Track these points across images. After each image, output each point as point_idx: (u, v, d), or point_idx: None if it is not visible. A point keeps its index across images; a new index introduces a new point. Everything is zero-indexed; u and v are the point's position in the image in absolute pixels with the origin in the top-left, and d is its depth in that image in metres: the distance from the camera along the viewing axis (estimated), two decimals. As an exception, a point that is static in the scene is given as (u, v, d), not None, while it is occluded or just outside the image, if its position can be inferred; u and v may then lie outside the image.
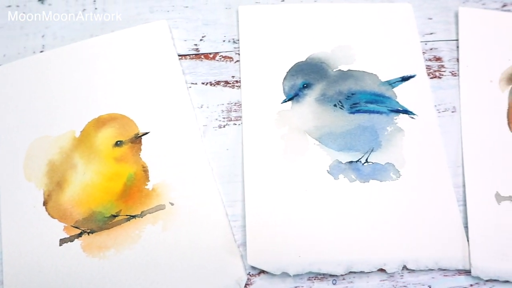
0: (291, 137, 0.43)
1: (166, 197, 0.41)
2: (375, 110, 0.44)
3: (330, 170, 0.42)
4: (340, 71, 0.46)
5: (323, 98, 0.44)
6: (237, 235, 0.40)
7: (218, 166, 0.42)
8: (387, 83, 0.46)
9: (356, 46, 0.47)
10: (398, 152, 0.43)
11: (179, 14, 0.49)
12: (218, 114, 0.44)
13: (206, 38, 0.48)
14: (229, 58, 0.47)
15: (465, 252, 0.40)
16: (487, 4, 0.51)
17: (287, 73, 0.45)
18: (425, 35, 0.49)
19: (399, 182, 0.42)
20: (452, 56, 0.48)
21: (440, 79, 0.47)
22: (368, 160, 0.42)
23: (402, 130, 0.44)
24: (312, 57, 0.46)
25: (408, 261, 0.39)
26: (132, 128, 0.43)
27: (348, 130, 0.43)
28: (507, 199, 0.42)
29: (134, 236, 0.39)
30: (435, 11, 0.50)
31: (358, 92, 0.45)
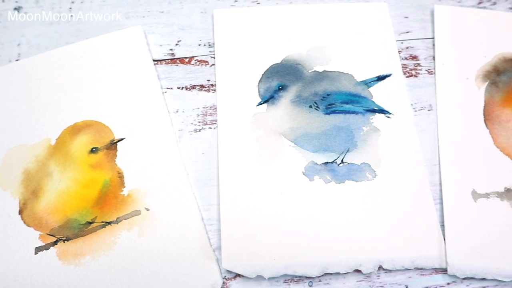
0: (266, 139, 0.43)
1: (141, 202, 0.41)
2: (351, 110, 0.44)
3: (306, 172, 0.42)
4: (315, 72, 0.46)
5: (298, 100, 0.44)
6: (213, 239, 0.40)
7: (194, 170, 0.42)
8: (363, 83, 0.46)
9: (331, 47, 0.47)
10: (374, 152, 0.43)
11: (154, 19, 0.49)
12: (193, 119, 0.44)
13: (181, 42, 0.48)
14: (204, 62, 0.47)
15: (441, 250, 0.40)
16: (463, 1, 0.51)
17: (262, 75, 0.45)
18: (401, 33, 0.49)
19: (375, 182, 0.42)
20: (428, 54, 0.48)
21: (416, 78, 0.47)
22: (344, 161, 0.42)
23: (378, 130, 0.44)
24: (287, 59, 0.46)
25: (384, 261, 0.39)
26: (108, 135, 0.43)
27: (323, 131, 0.43)
28: (483, 196, 0.42)
29: (110, 243, 0.39)
30: (411, 10, 0.50)
31: (333, 93, 0.45)
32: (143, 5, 0.49)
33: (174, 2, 0.50)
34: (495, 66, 0.47)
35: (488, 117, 0.45)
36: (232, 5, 0.50)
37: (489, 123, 0.45)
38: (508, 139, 0.44)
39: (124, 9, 0.49)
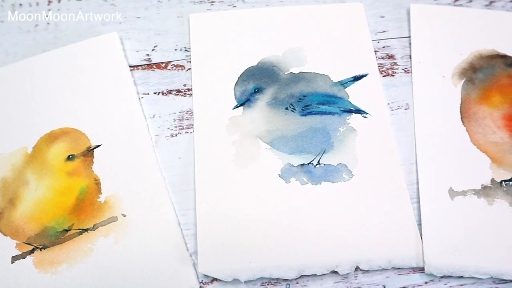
0: (242, 142, 0.43)
1: (118, 209, 0.41)
2: (327, 111, 0.44)
3: (282, 174, 0.42)
4: (291, 73, 0.46)
5: (274, 102, 0.44)
6: (190, 244, 0.40)
7: (171, 175, 0.42)
8: (339, 83, 0.46)
9: (307, 48, 0.47)
10: (351, 152, 0.43)
11: (131, 25, 0.49)
12: (170, 123, 0.44)
13: (158, 47, 0.48)
14: (181, 67, 0.47)
15: (418, 249, 0.40)
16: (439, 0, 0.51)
17: (238, 78, 0.46)
18: (378, 33, 0.49)
19: (351, 182, 0.42)
20: (405, 53, 0.48)
21: (393, 77, 0.47)
22: (320, 162, 0.42)
23: (354, 130, 0.44)
24: (263, 61, 0.46)
25: (361, 261, 0.39)
26: (84, 142, 0.43)
27: (300, 132, 0.43)
28: (460, 194, 0.42)
29: (87, 250, 0.39)
30: (387, 9, 0.50)
31: (309, 94, 0.45)
32: (120, 11, 0.49)
33: (151, 7, 0.50)
34: (471, 64, 0.47)
35: (465, 114, 0.45)
36: (208, 9, 0.50)
37: (466, 121, 0.45)
38: (485, 136, 0.44)
39: (101, 16, 0.49)
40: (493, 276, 0.39)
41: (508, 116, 0.45)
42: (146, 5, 0.50)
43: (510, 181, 0.43)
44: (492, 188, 0.42)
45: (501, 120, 0.45)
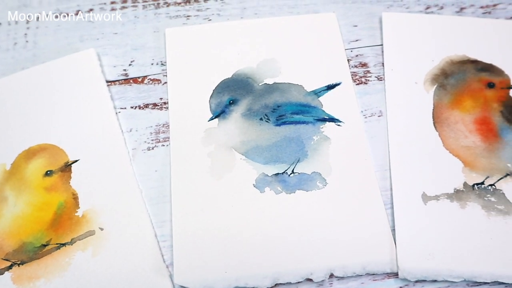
0: (217, 154, 0.44)
1: (96, 222, 0.41)
2: (301, 120, 0.45)
3: (256, 184, 0.42)
4: (265, 84, 0.47)
5: (249, 113, 0.45)
6: (167, 255, 0.40)
7: (147, 188, 0.43)
8: (313, 92, 0.46)
9: (281, 59, 0.48)
10: (325, 161, 0.43)
11: (108, 41, 0.50)
12: (146, 137, 0.45)
13: (134, 62, 0.49)
14: (157, 81, 0.48)
15: (392, 255, 0.40)
16: (411, 7, 0.52)
17: (214, 90, 0.46)
18: (351, 42, 0.50)
19: (325, 190, 0.42)
20: (378, 61, 0.49)
21: (366, 85, 0.48)
22: (295, 171, 0.43)
23: (328, 139, 0.44)
24: (238, 73, 0.47)
25: (335, 268, 0.39)
26: (62, 157, 0.44)
27: (274, 142, 0.44)
28: (433, 198, 0.42)
29: (64, 264, 0.40)
30: (360, 18, 0.51)
31: (283, 104, 0.46)
32: (97, 27, 0.50)
33: (128, 23, 0.51)
34: (443, 69, 0.48)
35: (437, 119, 0.46)
36: (184, 23, 0.51)
37: (438, 126, 0.45)
38: (457, 141, 0.45)
39: (78, 33, 0.50)
40: (467, 279, 0.39)
41: (479, 120, 0.46)
42: (123, 21, 0.51)
43: (482, 184, 0.43)
44: (464, 192, 0.43)
45: (472, 124, 0.45)
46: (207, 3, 0.52)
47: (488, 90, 0.47)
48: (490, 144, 0.45)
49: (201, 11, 0.51)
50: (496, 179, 0.43)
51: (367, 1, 0.52)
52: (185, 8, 0.51)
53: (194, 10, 0.51)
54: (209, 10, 0.51)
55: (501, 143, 0.45)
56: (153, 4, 0.52)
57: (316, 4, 0.52)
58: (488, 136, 0.45)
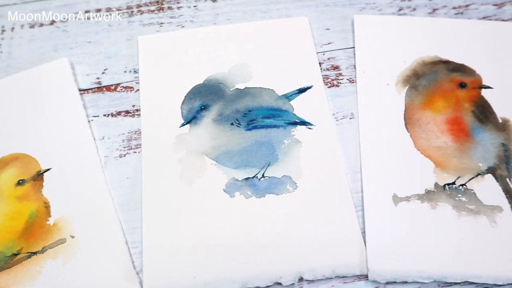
0: (188, 160, 0.44)
1: (67, 230, 0.41)
2: (272, 124, 0.45)
3: (226, 189, 0.42)
4: (237, 89, 0.47)
5: (220, 118, 0.45)
6: (137, 262, 0.40)
7: (119, 195, 0.43)
8: (284, 96, 0.46)
9: (253, 64, 0.48)
10: (295, 164, 0.43)
11: (82, 50, 0.50)
12: (119, 144, 0.45)
13: (108, 70, 0.49)
14: (130, 88, 0.48)
15: (362, 257, 0.40)
16: (384, 9, 0.52)
17: (185, 97, 0.46)
18: (323, 45, 0.50)
19: (295, 193, 0.42)
20: (350, 64, 0.49)
21: (338, 87, 0.48)
22: (265, 175, 0.43)
23: (299, 142, 0.44)
24: (209, 79, 0.47)
25: (305, 272, 0.39)
26: (34, 166, 0.44)
27: (244, 147, 0.44)
28: (404, 200, 0.42)
29: (35, 273, 0.40)
30: (332, 22, 0.51)
31: (255, 109, 0.46)
32: (71, 37, 0.51)
33: (101, 32, 0.51)
34: (415, 70, 0.48)
35: (409, 120, 0.46)
36: (157, 31, 0.51)
37: (410, 127, 0.45)
38: (428, 141, 0.45)
39: (52, 42, 0.50)
40: (437, 279, 0.39)
41: (451, 120, 0.46)
42: (96, 30, 0.51)
43: (454, 184, 0.43)
44: (435, 192, 0.43)
45: (444, 124, 0.45)
46: (180, 10, 0.52)
47: (460, 90, 0.47)
48: (461, 144, 0.45)
49: (174, 18, 0.52)
50: (468, 179, 0.43)
51: (340, 4, 0.52)
52: (158, 15, 0.52)
53: (168, 17, 0.52)
54: (182, 17, 0.52)
55: (472, 142, 0.45)
56: (126, 12, 0.52)
57: (289, 8, 0.52)
58: (460, 136, 0.45)
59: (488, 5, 0.52)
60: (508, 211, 0.42)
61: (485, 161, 0.44)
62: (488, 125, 0.46)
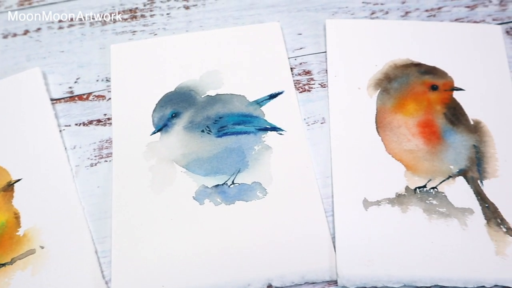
0: (159, 168, 0.44)
1: (37, 241, 0.41)
2: (243, 131, 0.45)
3: (196, 196, 0.42)
4: (208, 96, 0.47)
5: (191, 126, 0.45)
6: (107, 271, 0.40)
7: (90, 204, 0.43)
8: (255, 102, 0.46)
9: (224, 70, 0.48)
10: (266, 170, 0.43)
11: (55, 59, 0.50)
12: (90, 153, 0.45)
13: (80, 80, 0.49)
14: (101, 97, 0.48)
15: (332, 262, 0.40)
16: (356, 13, 0.52)
17: (156, 104, 0.46)
18: (295, 50, 0.50)
19: (265, 200, 0.42)
20: (322, 68, 0.49)
21: (309, 92, 0.48)
22: (235, 182, 0.43)
23: (270, 148, 0.44)
24: (181, 86, 0.47)
25: (273, 278, 0.39)
26: (5, 177, 0.44)
27: (215, 154, 0.44)
28: (374, 204, 0.42)
29: (3, 285, 0.40)
30: (304, 26, 0.51)
31: (225, 115, 0.46)
32: (44, 46, 0.51)
33: (74, 41, 0.51)
34: (386, 74, 0.48)
35: (380, 124, 0.46)
36: (130, 39, 0.51)
37: (381, 130, 0.45)
38: (400, 145, 0.45)
39: (25, 52, 0.51)
40: (406, 284, 0.39)
41: (423, 123, 0.46)
42: (69, 39, 0.51)
43: (424, 187, 0.43)
44: (406, 196, 0.43)
45: (416, 127, 0.45)
46: (153, 18, 0.52)
47: (432, 93, 0.47)
48: (433, 147, 0.45)
49: (147, 26, 0.52)
50: (439, 182, 0.43)
51: (312, 9, 0.52)
52: (131, 23, 0.52)
53: (140, 25, 0.52)
54: (155, 24, 0.52)
55: (444, 145, 0.45)
56: (100, 21, 0.52)
57: (261, 14, 0.52)
58: (431, 138, 0.45)
59: (461, 7, 0.52)
60: (479, 213, 0.42)
61: (456, 163, 0.44)
62: (459, 127, 0.46)
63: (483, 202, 0.42)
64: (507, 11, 0.52)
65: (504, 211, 0.42)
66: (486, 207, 0.42)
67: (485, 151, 0.45)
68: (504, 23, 0.51)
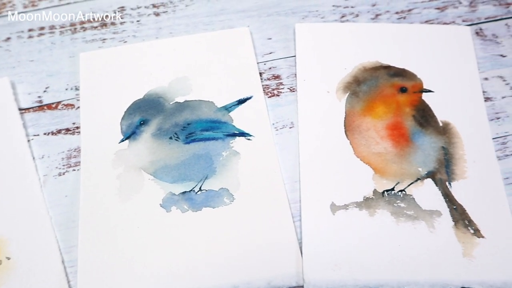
0: (126, 175, 0.43)
1: (2, 252, 0.41)
2: (211, 137, 0.45)
3: (163, 204, 0.42)
4: (176, 103, 0.47)
5: (159, 133, 0.45)
6: (74, 281, 0.40)
7: (57, 214, 0.43)
8: (224, 108, 0.46)
9: (193, 77, 0.48)
10: (233, 176, 0.43)
11: (24, 68, 0.50)
12: (58, 162, 0.45)
13: (49, 89, 0.49)
14: (70, 106, 0.48)
15: (299, 268, 0.40)
16: (327, 17, 0.52)
17: (125, 112, 0.46)
18: (265, 55, 0.50)
19: (232, 206, 0.42)
20: (291, 73, 0.49)
21: (278, 97, 0.48)
22: (202, 188, 0.43)
23: (238, 154, 0.44)
24: (149, 93, 0.47)
25: (239, 284, 0.39)
26: (-28, 188, 0.44)
27: (182, 161, 0.44)
28: (342, 208, 0.42)
29: (-31, 296, 0.40)
30: (274, 31, 0.51)
31: (193, 122, 0.46)
32: (13, 56, 0.51)
33: (44, 50, 0.51)
34: (355, 77, 0.48)
35: (349, 127, 0.46)
36: (100, 47, 0.51)
37: (350, 134, 0.45)
38: (368, 148, 0.45)
39: (-5, 62, 0.51)
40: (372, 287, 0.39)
41: (391, 126, 0.45)
42: (39, 48, 0.51)
43: (392, 190, 0.43)
44: (374, 199, 0.42)
45: (384, 130, 0.45)
46: (123, 26, 0.52)
47: (401, 95, 0.47)
48: (401, 149, 0.45)
49: (117, 34, 0.52)
50: (407, 184, 0.43)
51: (282, 13, 0.52)
52: (101, 31, 0.52)
53: (110, 33, 0.52)
54: (125, 32, 0.52)
55: (412, 147, 0.45)
56: (70, 29, 0.52)
57: (232, 19, 0.52)
58: (400, 141, 0.45)
59: (431, 9, 0.52)
60: (447, 215, 0.42)
61: (425, 165, 0.44)
62: (428, 129, 0.45)
63: (451, 204, 0.42)
64: (477, 12, 0.52)
65: (472, 213, 0.42)
66: (454, 209, 0.42)
67: (453, 152, 0.45)
68: (474, 24, 0.51)
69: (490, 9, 0.52)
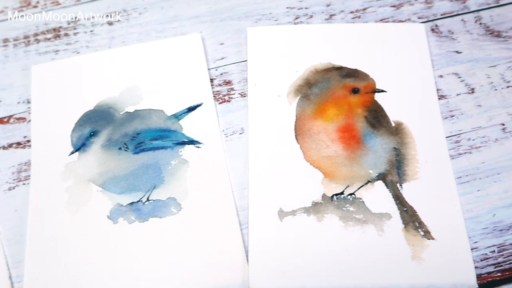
0: (75, 188, 0.43)
1: (-48, 269, 0.41)
2: (160, 146, 0.45)
3: (110, 215, 0.42)
4: (126, 113, 0.46)
5: (109, 144, 0.45)
6: (21, 296, 0.40)
7: (7, 228, 0.43)
8: (173, 116, 0.46)
9: (143, 86, 0.48)
10: (181, 185, 0.43)
11: (-23, 84, 0.50)
12: (8, 177, 0.45)
13: (1, 103, 0.49)
14: (22, 119, 0.48)
15: (245, 276, 0.39)
16: (280, 19, 0.51)
17: (75, 124, 0.46)
18: (216, 60, 0.50)
19: (179, 215, 0.42)
20: (242, 78, 0.48)
21: (229, 103, 0.47)
22: (150, 198, 0.42)
23: (187, 162, 0.44)
24: (99, 104, 0.47)
25: (185, 295, 0.39)
26: None
27: (131, 171, 0.44)
28: (289, 214, 0.42)
29: None
30: (227, 36, 0.51)
31: (143, 131, 0.45)
32: (-33, 71, 0.51)
33: (-3, 64, 0.51)
34: (307, 79, 0.47)
35: (299, 131, 0.45)
36: (53, 58, 0.51)
37: (300, 138, 0.45)
38: (318, 151, 0.44)
39: (-52, 78, 0.51)
40: (319, 294, 0.39)
41: (342, 128, 0.45)
42: (-8, 63, 0.51)
43: (342, 194, 0.42)
44: (322, 204, 0.42)
45: (335, 133, 0.45)
46: (76, 36, 0.52)
47: (353, 96, 0.46)
48: (352, 152, 0.44)
49: (70, 45, 0.51)
50: (357, 187, 0.43)
51: (235, 18, 0.52)
52: (54, 43, 0.52)
53: (64, 44, 0.51)
54: (78, 43, 0.51)
55: (363, 149, 0.44)
56: (23, 42, 0.52)
57: (184, 26, 0.52)
58: (351, 143, 0.44)
59: (386, 7, 0.52)
60: (397, 218, 0.41)
61: (376, 167, 0.43)
62: (380, 130, 0.45)
63: (401, 206, 0.42)
64: (432, 9, 0.51)
65: (423, 214, 0.41)
66: (404, 211, 0.41)
67: (406, 153, 0.44)
68: (430, 20, 0.51)
69: (446, 5, 0.51)
